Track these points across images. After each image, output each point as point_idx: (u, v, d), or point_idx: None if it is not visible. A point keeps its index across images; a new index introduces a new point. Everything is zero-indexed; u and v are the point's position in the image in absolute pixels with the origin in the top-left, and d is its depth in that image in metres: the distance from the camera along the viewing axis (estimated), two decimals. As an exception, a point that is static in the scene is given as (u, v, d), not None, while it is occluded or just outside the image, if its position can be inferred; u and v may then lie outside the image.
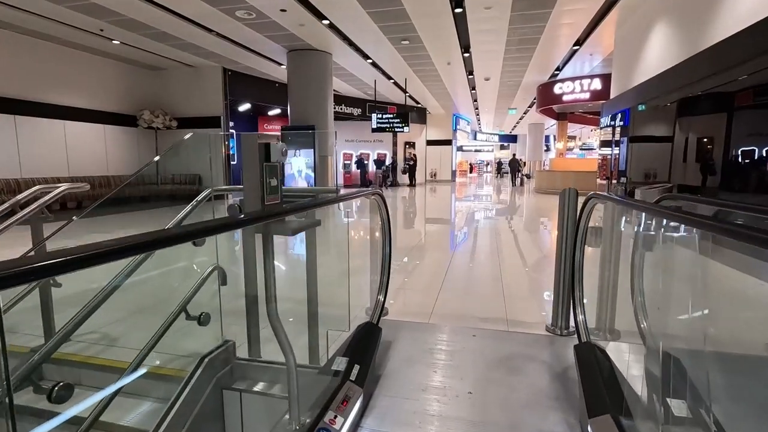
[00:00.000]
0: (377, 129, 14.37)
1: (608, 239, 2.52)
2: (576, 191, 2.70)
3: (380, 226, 2.59)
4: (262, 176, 1.53)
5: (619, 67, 8.98)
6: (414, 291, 3.74)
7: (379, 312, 2.32)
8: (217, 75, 12.08)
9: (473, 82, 14.83)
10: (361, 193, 2.49)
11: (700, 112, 7.51)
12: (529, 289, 3.90)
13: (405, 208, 11.53)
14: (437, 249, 5.66)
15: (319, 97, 10.60)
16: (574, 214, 2.63)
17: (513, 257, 5.14)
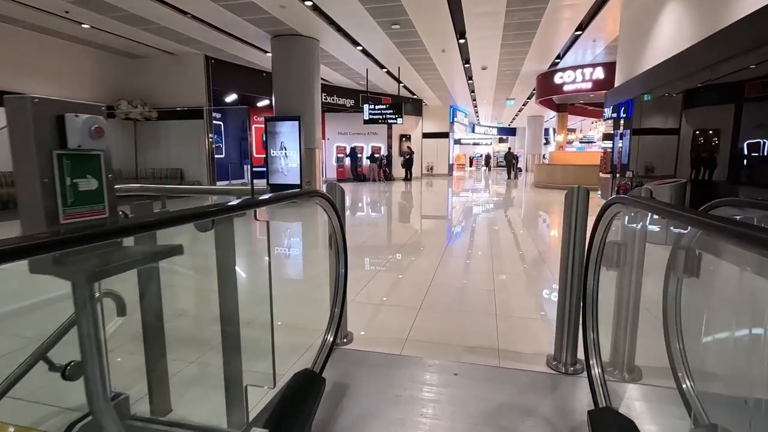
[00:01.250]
0: (370, 121, 13.74)
1: (626, 253, 1.95)
2: (587, 191, 2.13)
3: (331, 239, 2.02)
4: (54, 174, 0.95)
5: (624, 52, 8.37)
6: (389, 307, 3.18)
7: (325, 356, 1.76)
8: (199, 63, 11.42)
9: (470, 72, 14.20)
10: (291, 196, 1.91)
11: (714, 101, 6.94)
12: (526, 306, 3.34)
13: (396, 203, 10.95)
14: (425, 252, 5.10)
15: (305, 86, 9.97)
16: (584, 222, 2.06)
17: (509, 264, 4.58)
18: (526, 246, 5.47)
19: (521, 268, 4.45)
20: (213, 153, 11.88)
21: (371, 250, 5.15)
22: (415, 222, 7.78)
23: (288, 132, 9.66)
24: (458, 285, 3.77)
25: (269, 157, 9.86)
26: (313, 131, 10.24)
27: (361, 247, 5.23)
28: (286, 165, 9.79)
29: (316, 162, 10.39)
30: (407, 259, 4.68)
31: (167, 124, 11.79)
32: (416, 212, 9.07)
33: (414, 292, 3.44)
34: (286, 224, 7.09)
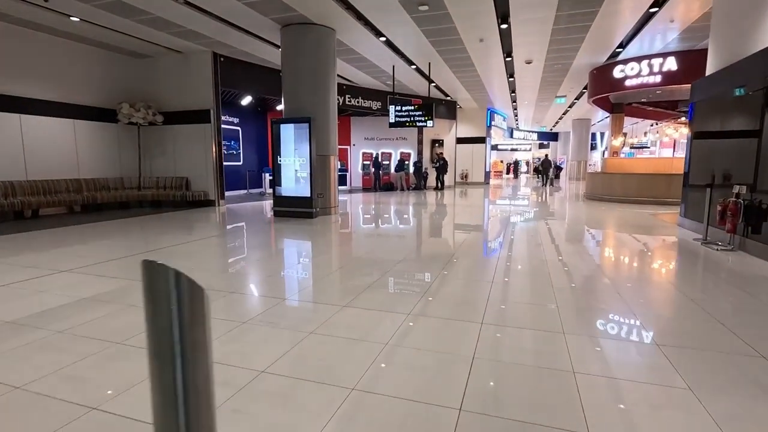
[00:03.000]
0: (396, 124, 12.24)
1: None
2: None
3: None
4: None
5: (723, 27, 6.41)
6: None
7: None
8: (206, 61, 10.33)
9: (511, 68, 12.42)
10: None
11: None
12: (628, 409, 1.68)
13: (417, 222, 9.34)
14: (458, 313, 3.49)
15: (318, 83, 8.60)
16: None
17: (586, 330, 2.91)
18: (606, 298, 3.75)
19: (611, 346, 2.75)
20: (221, 160, 10.72)
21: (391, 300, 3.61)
22: (431, 257, 6.18)
23: (298, 136, 8.30)
24: (515, 388, 2.14)
25: (276, 166, 8.53)
26: (328, 135, 8.83)
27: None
28: (296, 174, 8.41)
29: (331, 170, 8.97)
30: (432, 325, 3.09)
31: (174, 128, 10.77)
32: (442, 235, 7.45)
33: (446, 391, 1.85)
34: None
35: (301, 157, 8.32)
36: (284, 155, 8.45)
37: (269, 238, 6.50)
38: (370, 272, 4.27)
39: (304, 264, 4.90)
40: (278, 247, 5.87)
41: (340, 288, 3.77)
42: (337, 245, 6.01)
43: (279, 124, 8.43)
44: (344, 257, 5.19)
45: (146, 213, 9.28)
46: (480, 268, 4.53)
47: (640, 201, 11.06)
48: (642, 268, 4.62)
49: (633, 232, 6.88)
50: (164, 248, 5.42)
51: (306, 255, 5.43)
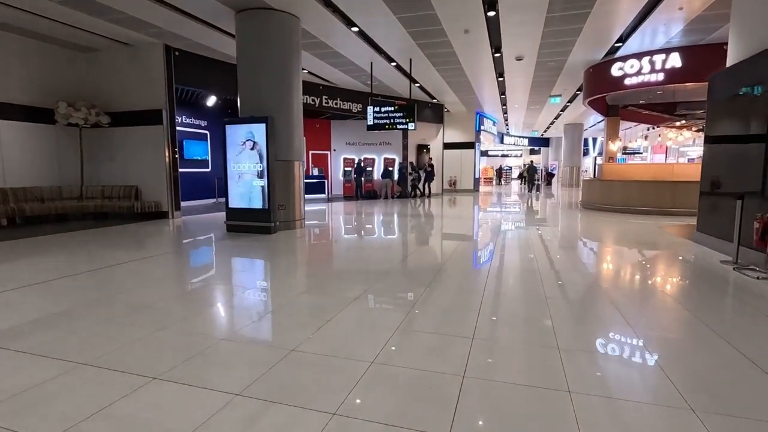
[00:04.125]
0: (375, 126, 11.14)
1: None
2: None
3: None
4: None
5: (752, 5, 5.40)
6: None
7: None
8: (157, 55, 9.15)
9: (501, 66, 11.42)
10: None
11: None
12: None
13: (395, 239, 8.20)
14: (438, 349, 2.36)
15: (279, 78, 7.46)
16: None
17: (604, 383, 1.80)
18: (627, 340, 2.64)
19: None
20: (175, 166, 9.51)
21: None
22: (409, 277, 5.04)
23: (254, 139, 7.14)
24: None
25: (228, 173, 7.35)
26: (291, 138, 7.68)
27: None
28: (251, 183, 7.24)
29: (296, 178, 7.81)
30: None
31: (122, 130, 9.55)
32: (427, 250, 6.30)
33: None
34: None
35: (258, 163, 7.15)
36: (236, 161, 7.28)
37: (206, 262, 5.32)
38: (321, 311, 3.12)
39: (231, 300, 3.73)
40: (210, 276, 4.69)
41: (280, 332, 2.63)
42: (288, 271, 4.85)
43: (231, 125, 7.26)
44: (291, 289, 4.03)
45: (84, 227, 8.01)
46: (460, 317, 3.40)
47: (643, 211, 10.06)
48: (668, 305, 3.53)
49: (643, 252, 5.82)
50: (59, 278, 4.20)
51: (241, 286, 4.25)
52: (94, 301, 3.52)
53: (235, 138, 7.25)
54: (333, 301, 3.53)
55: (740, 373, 2.28)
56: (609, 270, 4.82)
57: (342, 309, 3.27)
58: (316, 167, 16.33)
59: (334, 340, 2.70)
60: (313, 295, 3.80)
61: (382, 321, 3.08)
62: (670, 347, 2.67)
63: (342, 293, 3.73)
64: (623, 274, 4.64)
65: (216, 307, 3.50)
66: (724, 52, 9.42)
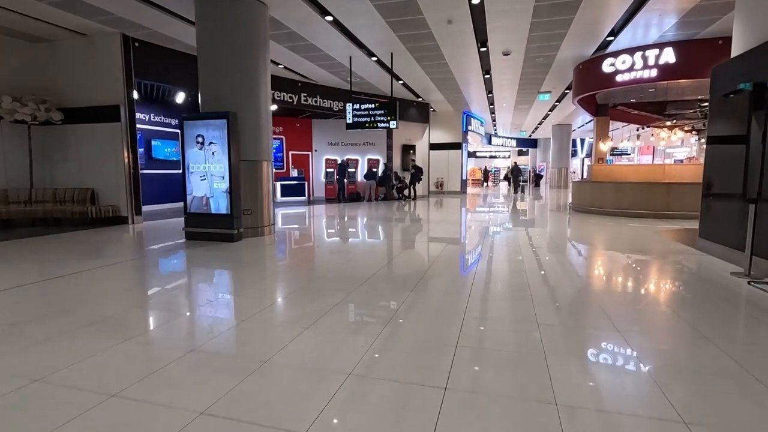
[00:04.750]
0: (354, 125, 10.50)
1: None
2: None
3: None
4: None
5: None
6: None
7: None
8: (114, 46, 8.39)
9: (487, 62, 10.87)
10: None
11: None
12: None
13: (373, 246, 7.57)
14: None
15: (244, 70, 6.76)
16: None
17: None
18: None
19: None
20: (135, 167, 8.74)
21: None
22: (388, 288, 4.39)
23: (214, 138, 6.43)
24: None
25: (186, 175, 6.63)
26: (258, 136, 6.99)
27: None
28: (211, 186, 6.53)
29: (264, 181, 7.12)
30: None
31: (78, 128, 8.76)
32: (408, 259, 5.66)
33: None
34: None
35: (219, 164, 6.45)
36: (195, 161, 6.56)
37: (154, 275, 4.60)
38: (280, 338, 2.47)
39: (164, 322, 3.04)
40: (155, 292, 3.98)
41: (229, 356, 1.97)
42: (246, 287, 4.16)
43: (189, 122, 6.54)
44: (248, 306, 3.35)
45: (29, 234, 7.20)
46: (434, 357, 2.77)
47: (635, 214, 9.58)
48: (680, 330, 2.95)
49: (643, 262, 5.27)
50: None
51: (191, 304, 3.55)
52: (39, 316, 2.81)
53: (195, 135, 6.53)
54: (289, 322, 2.87)
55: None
56: (609, 285, 4.23)
57: (295, 337, 2.61)
58: (296, 168, 15.61)
59: (298, 360, 2.04)
60: (265, 317, 3.13)
61: (335, 362, 2.42)
62: (690, 385, 2.07)
63: (301, 313, 3.08)
64: (625, 290, 4.05)
65: (148, 330, 2.81)
66: (719, 47, 9.04)
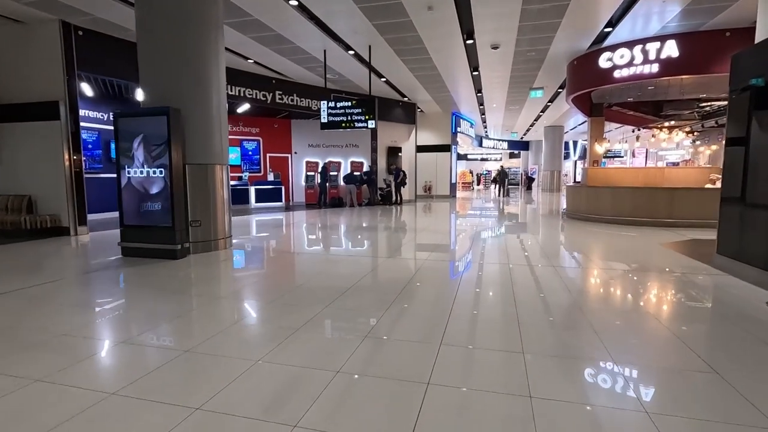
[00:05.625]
0: (330, 125, 9.60)
1: None
2: None
3: None
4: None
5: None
6: None
7: None
8: (52, 34, 7.41)
9: (475, 57, 10.04)
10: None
11: None
12: None
13: (347, 264, 6.65)
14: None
15: (192, 60, 5.83)
16: None
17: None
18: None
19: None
20: (79, 171, 7.75)
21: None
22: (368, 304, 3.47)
23: (153, 137, 5.49)
24: None
25: (121, 180, 5.67)
26: (209, 136, 6.05)
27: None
28: (150, 193, 5.58)
29: (217, 187, 6.18)
30: None
31: (11, 127, 7.75)
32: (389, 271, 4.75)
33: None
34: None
35: (159, 168, 5.50)
36: (132, 164, 5.61)
37: (47, 307, 3.63)
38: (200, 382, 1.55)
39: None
40: (35, 330, 3.02)
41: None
42: (162, 321, 3.22)
43: (124, 118, 5.59)
44: (166, 350, 2.43)
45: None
46: (412, 375, 1.86)
47: (635, 222, 8.78)
48: (711, 385, 2.08)
49: (652, 285, 4.43)
50: None
51: (77, 349, 2.61)
52: None
53: (131, 134, 5.58)
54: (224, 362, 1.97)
55: None
56: (616, 318, 3.36)
57: (230, 381, 1.71)
58: (274, 172, 14.67)
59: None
60: (195, 359, 2.21)
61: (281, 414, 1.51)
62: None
63: (237, 356, 2.17)
64: (637, 325, 3.18)
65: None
66: (727, 40, 8.28)
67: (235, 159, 14.37)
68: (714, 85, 9.69)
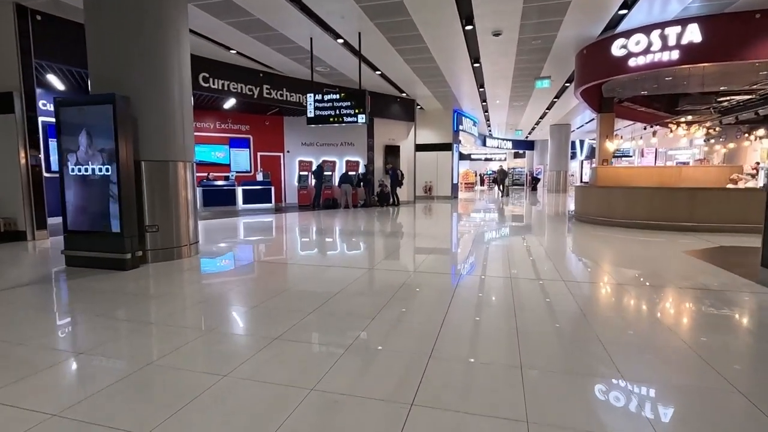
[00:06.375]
0: (316, 119, 8.86)
1: None
2: None
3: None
4: None
5: None
6: None
7: None
8: (6, 18, 6.71)
9: (475, 47, 9.25)
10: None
11: None
12: None
13: (324, 277, 5.88)
14: None
15: (147, 41, 5.09)
16: None
17: None
18: None
19: None
20: (36, 170, 7.06)
21: None
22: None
23: (99, 130, 4.75)
24: None
25: (64, 178, 4.94)
26: (170, 129, 5.32)
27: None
28: (99, 193, 4.85)
29: (179, 187, 5.44)
30: None
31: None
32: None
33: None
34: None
35: (107, 165, 4.77)
36: (77, 160, 4.88)
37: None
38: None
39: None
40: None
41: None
42: (76, 349, 2.48)
43: (66, 107, 4.86)
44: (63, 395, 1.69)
45: None
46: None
47: (652, 226, 7.96)
48: None
49: (685, 302, 3.63)
50: None
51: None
52: None
53: (77, 127, 4.85)
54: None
55: None
56: (652, 360, 2.57)
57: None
58: (263, 171, 13.93)
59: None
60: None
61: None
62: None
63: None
64: (681, 370, 2.39)
65: None
66: (756, 23, 7.41)
67: (224, 158, 13.66)
68: (739, 75, 8.85)
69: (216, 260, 5.67)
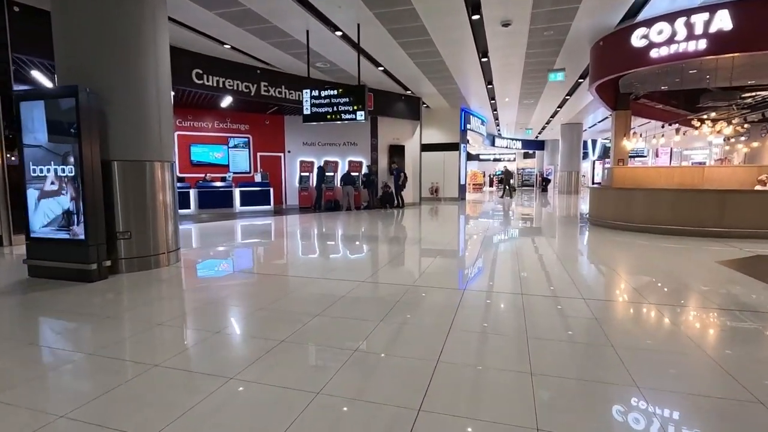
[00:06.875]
0: (313, 117, 8.35)
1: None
2: None
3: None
4: None
5: None
6: None
7: None
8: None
9: (483, 37, 8.67)
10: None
11: None
12: None
13: (316, 288, 5.35)
14: None
15: (116, 31, 4.62)
16: None
17: None
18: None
19: None
20: (11, 171, 6.65)
21: None
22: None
23: (61, 124, 4.29)
24: None
25: (27, 180, 4.48)
26: (145, 126, 4.85)
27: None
28: (57, 196, 4.38)
29: (156, 189, 4.97)
30: None
31: (-60, 121, 6.68)
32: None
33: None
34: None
35: (69, 165, 4.30)
36: (40, 160, 4.42)
37: None
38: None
39: None
40: None
41: None
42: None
43: (27, 101, 4.40)
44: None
45: None
46: None
47: (676, 231, 7.31)
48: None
49: (729, 326, 3.05)
50: None
51: None
52: None
53: (39, 123, 4.39)
54: None
55: None
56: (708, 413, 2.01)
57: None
58: (261, 172, 13.48)
59: None
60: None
61: None
62: None
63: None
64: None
65: None
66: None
67: (222, 158, 13.24)
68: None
69: (197, 270, 5.17)
